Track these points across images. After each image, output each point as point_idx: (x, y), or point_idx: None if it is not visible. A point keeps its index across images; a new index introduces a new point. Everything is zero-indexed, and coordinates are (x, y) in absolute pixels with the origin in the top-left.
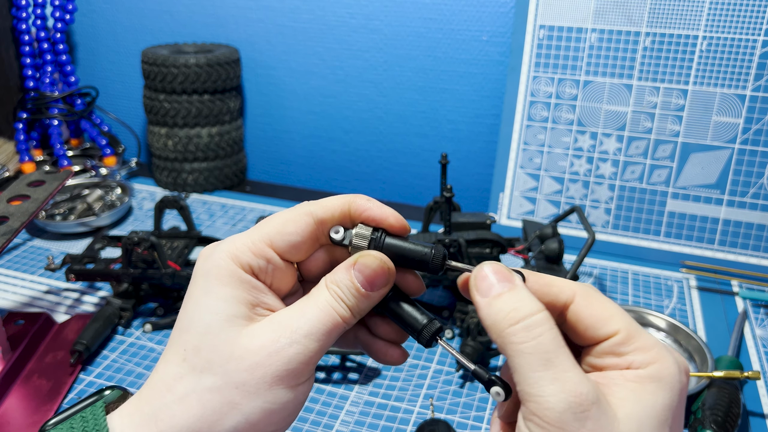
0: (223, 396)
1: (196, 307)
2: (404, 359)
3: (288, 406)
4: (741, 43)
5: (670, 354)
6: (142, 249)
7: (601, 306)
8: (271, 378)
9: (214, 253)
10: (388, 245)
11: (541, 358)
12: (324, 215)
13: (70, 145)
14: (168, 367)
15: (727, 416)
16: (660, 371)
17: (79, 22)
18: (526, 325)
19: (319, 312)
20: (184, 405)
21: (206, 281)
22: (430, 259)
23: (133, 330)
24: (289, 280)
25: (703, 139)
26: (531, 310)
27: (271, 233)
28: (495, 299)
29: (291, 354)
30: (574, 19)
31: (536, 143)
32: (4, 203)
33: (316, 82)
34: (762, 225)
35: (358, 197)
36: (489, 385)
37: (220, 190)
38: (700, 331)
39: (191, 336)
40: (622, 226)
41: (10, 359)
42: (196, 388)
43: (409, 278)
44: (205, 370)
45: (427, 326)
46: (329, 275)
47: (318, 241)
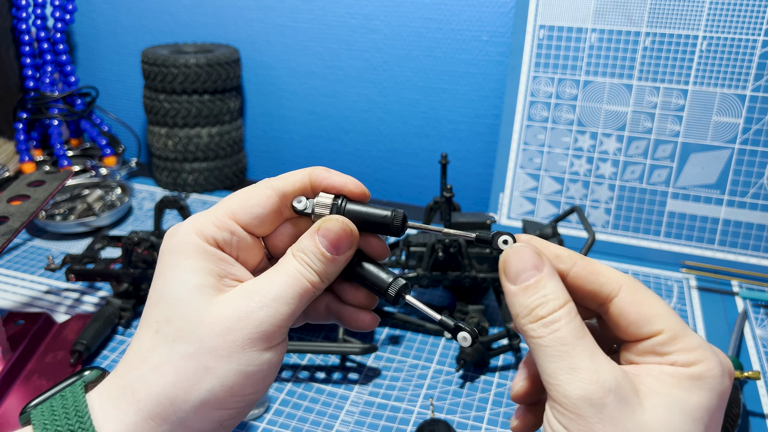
0: (196, 361)
1: (165, 281)
2: (375, 323)
3: (262, 367)
4: (741, 43)
5: (715, 355)
6: (142, 249)
7: (647, 302)
8: (243, 341)
9: (178, 230)
10: (350, 210)
11: (558, 350)
12: (285, 188)
13: (70, 145)
14: (141, 341)
15: (727, 416)
16: (702, 371)
17: (79, 22)
18: (544, 322)
19: (288, 277)
20: (158, 373)
21: (172, 256)
22: (390, 221)
23: (133, 330)
24: (256, 254)
25: (703, 139)
26: (553, 307)
27: (233, 207)
28: (520, 294)
29: (261, 317)
30: (574, 19)
31: (536, 143)
32: (4, 203)
33: (316, 82)
34: (762, 225)
35: (317, 168)
36: (456, 332)
37: (220, 190)
38: (700, 331)
39: (162, 308)
40: (622, 226)
41: (10, 359)
42: (169, 356)
43: (372, 242)
44: (178, 339)
45: (392, 284)
46: (295, 244)
47: (281, 214)
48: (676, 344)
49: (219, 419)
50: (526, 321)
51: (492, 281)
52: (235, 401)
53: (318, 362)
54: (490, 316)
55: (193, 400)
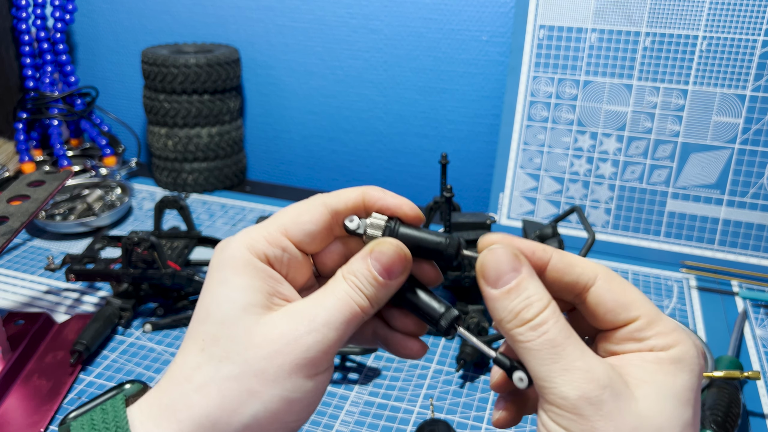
0: (241, 384)
1: (213, 298)
2: (424, 352)
3: (308, 395)
4: (741, 43)
5: (689, 337)
6: (142, 249)
7: (622, 291)
8: (290, 366)
9: (229, 245)
10: (403, 234)
11: (549, 353)
12: (338, 206)
13: (70, 145)
14: (186, 358)
15: (727, 416)
16: (681, 353)
17: (79, 22)
18: (531, 325)
19: (337, 301)
20: (202, 394)
21: (222, 272)
22: (445, 248)
23: (133, 330)
24: (305, 272)
25: (703, 139)
26: (538, 308)
27: (286, 223)
28: (502, 298)
29: (310, 342)
30: (574, 19)
31: (536, 143)
32: (4, 203)
33: (316, 82)
34: (762, 225)
35: (372, 188)
36: (511, 371)
37: (220, 190)
38: (700, 331)
39: (208, 326)
40: (622, 226)
41: (10, 359)
42: (214, 376)
43: (425, 268)
44: (224, 359)
45: (445, 314)
46: (345, 266)
47: (333, 232)
48: (653, 329)
49: None
50: (512, 325)
51: None
52: (276, 428)
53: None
54: (490, 316)
55: (236, 424)
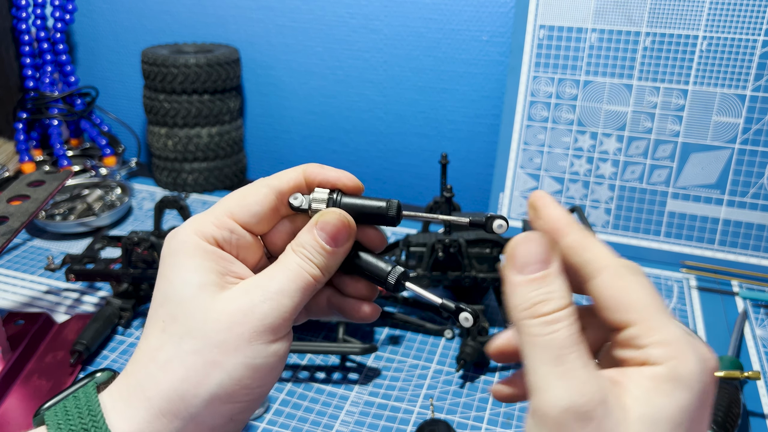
0: (204, 356)
1: (168, 282)
2: (377, 313)
3: (269, 360)
4: (741, 43)
5: (693, 350)
6: (142, 249)
7: (626, 289)
8: (249, 334)
9: (178, 232)
10: (345, 203)
11: (553, 354)
12: (281, 186)
13: (70, 145)
14: (149, 341)
15: (727, 416)
16: (677, 369)
17: (79, 22)
18: (545, 320)
19: (289, 272)
20: (167, 370)
21: (174, 257)
22: (386, 212)
23: (133, 330)
24: (255, 252)
25: (703, 139)
26: (556, 306)
27: (231, 206)
28: (524, 285)
29: (266, 310)
30: (574, 19)
31: (536, 143)
32: (4, 203)
33: (316, 82)
34: (762, 225)
35: (311, 165)
36: (457, 313)
37: (220, 190)
38: (700, 331)
39: (167, 308)
40: (622, 226)
41: (9, 359)
42: (177, 352)
43: (370, 233)
44: (184, 335)
45: (391, 272)
46: (294, 239)
47: (278, 212)
48: (650, 336)
49: (229, 413)
50: (525, 315)
51: (492, 281)
52: (245, 394)
53: (318, 362)
54: (490, 316)
55: (203, 394)
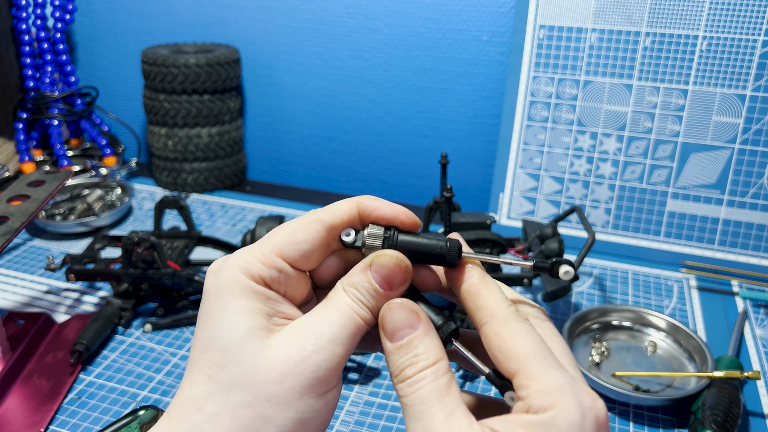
0: (254, 410)
1: (214, 324)
2: None
3: (320, 413)
4: (741, 43)
5: (574, 398)
6: (142, 249)
7: (511, 339)
8: (301, 387)
9: (224, 268)
10: (402, 242)
11: (417, 410)
12: (333, 221)
13: (70, 145)
14: (194, 387)
15: (727, 416)
16: (554, 418)
17: (79, 22)
18: (408, 382)
19: (341, 315)
20: (215, 423)
21: (220, 297)
22: (446, 253)
23: (133, 330)
24: (303, 288)
25: (703, 139)
26: (420, 367)
27: (281, 243)
28: (394, 352)
29: (318, 361)
30: (574, 19)
31: (536, 143)
32: (4, 203)
33: (316, 82)
34: (762, 225)
35: (366, 198)
36: (503, 390)
37: (220, 190)
38: (700, 331)
39: (214, 353)
40: (622, 226)
41: (10, 359)
42: (225, 405)
43: (424, 273)
44: (233, 386)
45: (443, 327)
46: (345, 278)
47: (329, 247)
48: (531, 386)
49: None
50: (396, 380)
51: None
52: None
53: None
54: None
55: None
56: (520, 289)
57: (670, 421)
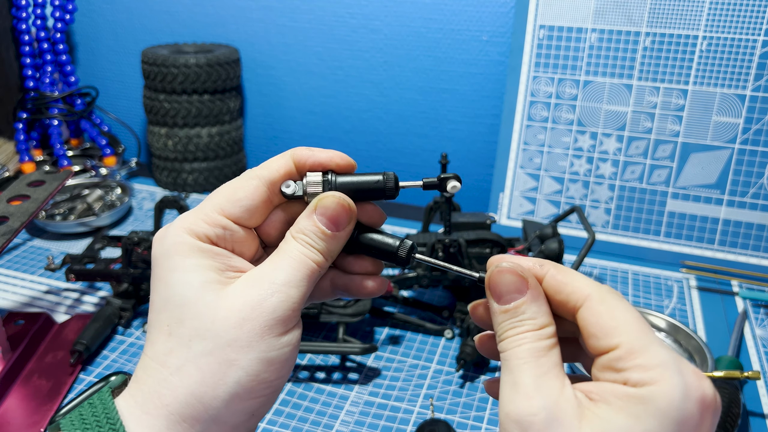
0: (217, 356)
1: (166, 285)
2: (384, 286)
3: (283, 351)
4: (741, 43)
5: (677, 376)
6: (142, 249)
7: (610, 314)
8: (261, 329)
9: (168, 233)
10: (341, 183)
11: (512, 364)
12: (271, 175)
13: (70, 145)
14: (155, 347)
15: (727, 416)
16: (654, 394)
17: (79, 22)
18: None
19: (293, 261)
20: (181, 375)
21: (169, 260)
22: (384, 185)
23: (133, 330)
24: (251, 244)
25: (703, 139)
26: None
27: (222, 202)
28: (501, 314)
29: (275, 303)
30: (574, 19)
31: (536, 143)
32: (4, 203)
33: (316, 82)
34: (762, 225)
35: (299, 149)
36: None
37: None
38: (700, 331)
39: (170, 311)
40: (622, 226)
41: (10, 359)
42: (188, 356)
43: (368, 209)
44: (194, 338)
45: (401, 246)
46: (293, 227)
47: (271, 202)
48: (632, 360)
49: (250, 410)
50: (498, 339)
51: None
52: (263, 388)
53: (318, 362)
54: None
55: (222, 395)
56: None
57: None
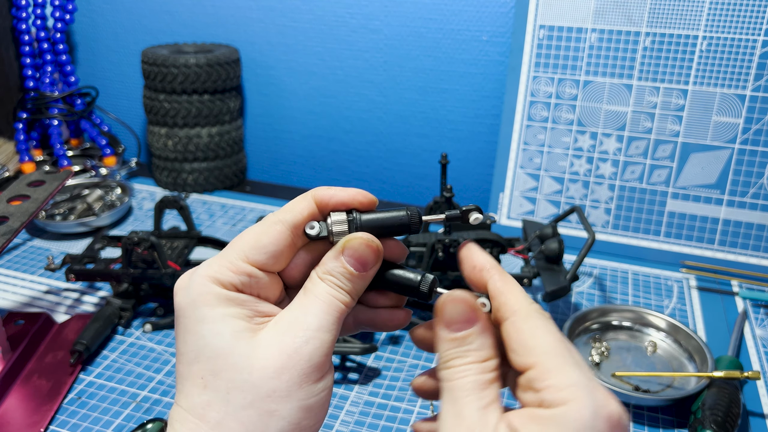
0: (258, 408)
1: (198, 337)
2: (409, 317)
3: (320, 397)
4: (741, 43)
5: (588, 396)
6: (142, 249)
7: (530, 333)
8: (299, 377)
9: (193, 282)
10: (366, 222)
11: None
12: (294, 219)
13: (70, 145)
14: (190, 399)
15: (727, 416)
16: (565, 414)
17: (79, 22)
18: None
19: (322, 304)
20: (222, 429)
21: (195, 310)
22: (409, 221)
23: (133, 330)
24: (275, 289)
25: (703, 139)
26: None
27: (246, 249)
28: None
29: (310, 350)
30: (574, 19)
31: (536, 143)
32: (4, 203)
33: (316, 82)
34: (762, 225)
35: (319, 189)
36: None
37: (220, 190)
38: (700, 331)
39: (203, 364)
40: (622, 226)
41: (10, 359)
42: (228, 410)
43: (390, 245)
44: (232, 390)
45: (422, 281)
46: (318, 267)
47: (295, 246)
48: (546, 380)
49: None
50: (442, 366)
51: None
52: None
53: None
54: None
55: None
56: None
57: (670, 421)
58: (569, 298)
